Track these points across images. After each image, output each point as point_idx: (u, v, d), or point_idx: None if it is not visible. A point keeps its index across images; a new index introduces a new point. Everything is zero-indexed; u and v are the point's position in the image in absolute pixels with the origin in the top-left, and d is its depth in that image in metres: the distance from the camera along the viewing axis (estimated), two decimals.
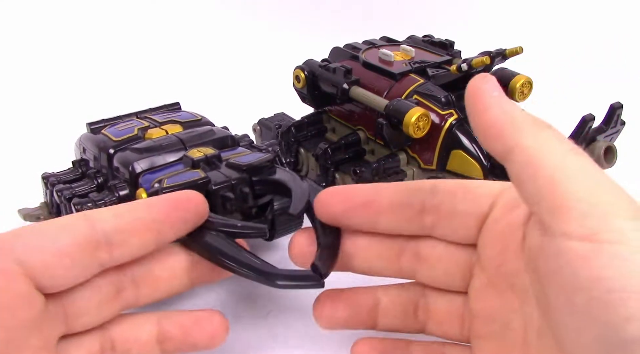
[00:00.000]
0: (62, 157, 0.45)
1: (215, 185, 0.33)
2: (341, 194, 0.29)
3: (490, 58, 0.40)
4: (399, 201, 0.28)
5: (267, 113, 0.53)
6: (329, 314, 0.30)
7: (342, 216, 0.29)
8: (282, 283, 0.27)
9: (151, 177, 0.35)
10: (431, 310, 0.30)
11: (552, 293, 0.22)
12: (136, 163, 0.36)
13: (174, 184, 0.32)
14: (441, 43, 0.49)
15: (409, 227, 0.29)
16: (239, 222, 0.29)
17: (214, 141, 0.39)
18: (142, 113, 0.44)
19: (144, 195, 0.33)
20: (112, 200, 0.35)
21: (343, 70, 0.44)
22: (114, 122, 0.42)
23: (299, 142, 0.48)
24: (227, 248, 0.29)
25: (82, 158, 0.41)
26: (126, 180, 0.36)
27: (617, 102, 0.39)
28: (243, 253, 0.29)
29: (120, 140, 0.39)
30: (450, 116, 0.41)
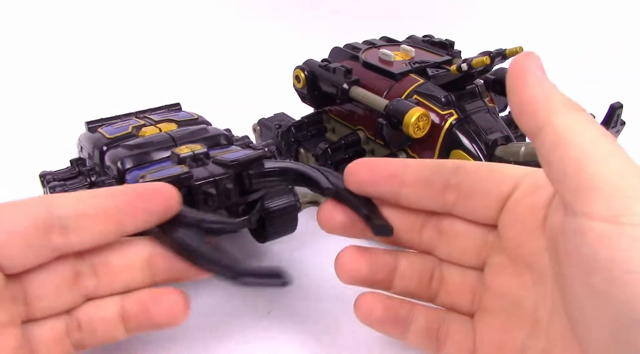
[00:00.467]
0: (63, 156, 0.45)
1: (197, 180, 0.33)
2: (369, 165, 0.30)
3: (490, 58, 0.40)
4: (423, 177, 0.29)
5: (267, 113, 0.53)
6: (350, 269, 0.31)
7: (368, 185, 0.30)
8: (246, 280, 0.26)
9: (138, 173, 0.35)
10: (445, 281, 0.31)
11: (570, 272, 0.22)
12: (125, 159, 0.36)
13: (155, 178, 0.32)
14: (441, 43, 0.49)
15: (430, 203, 0.29)
16: (209, 216, 0.29)
17: (205, 139, 0.39)
18: (141, 113, 0.44)
19: None
20: None
21: (343, 70, 0.44)
22: (113, 121, 0.43)
23: (299, 142, 0.48)
24: (191, 241, 0.28)
25: (80, 157, 0.42)
26: (114, 177, 0.36)
27: (617, 102, 0.39)
28: (207, 247, 0.28)
29: (114, 137, 0.39)
30: (450, 116, 0.41)
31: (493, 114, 0.43)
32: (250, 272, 0.26)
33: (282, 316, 0.37)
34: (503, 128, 0.42)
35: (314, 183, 0.33)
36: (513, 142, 0.41)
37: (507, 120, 0.48)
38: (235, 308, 0.36)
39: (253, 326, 0.36)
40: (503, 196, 0.28)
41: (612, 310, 0.20)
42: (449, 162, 0.29)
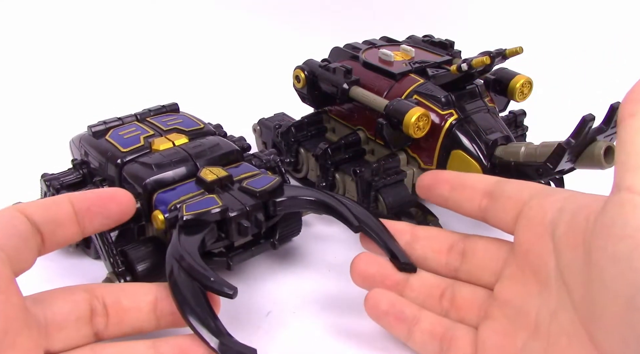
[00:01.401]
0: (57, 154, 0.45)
1: (232, 212, 0.34)
2: (434, 173, 0.37)
3: (490, 58, 0.40)
4: (470, 182, 0.34)
5: (267, 113, 0.53)
6: (362, 271, 0.34)
7: (428, 188, 0.36)
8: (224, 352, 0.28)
9: (165, 197, 0.36)
10: (456, 299, 0.33)
11: (600, 244, 0.25)
12: (149, 180, 0.37)
13: (194, 212, 0.33)
14: (441, 43, 0.49)
15: (469, 207, 0.34)
16: (212, 275, 0.30)
17: (221, 156, 0.39)
18: (142, 115, 0.44)
19: (161, 217, 0.34)
20: None
21: (343, 70, 0.44)
22: (115, 126, 0.42)
23: (299, 142, 0.48)
24: (188, 295, 0.29)
25: (83, 160, 0.41)
26: (137, 194, 0.37)
27: (617, 102, 0.39)
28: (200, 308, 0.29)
29: (128, 150, 0.39)
30: (450, 116, 0.41)
31: (493, 114, 0.43)
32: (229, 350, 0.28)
33: (282, 316, 0.37)
34: (503, 128, 0.42)
35: (340, 218, 0.36)
36: (513, 142, 0.41)
37: (507, 120, 0.48)
38: (235, 309, 0.36)
39: (253, 327, 0.36)
40: (520, 202, 0.31)
41: (631, 275, 0.22)
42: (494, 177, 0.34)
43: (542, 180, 0.44)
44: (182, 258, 0.31)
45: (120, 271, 0.35)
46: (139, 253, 0.36)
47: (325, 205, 0.36)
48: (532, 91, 0.45)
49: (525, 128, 0.50)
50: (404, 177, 0.43)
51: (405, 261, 0.34)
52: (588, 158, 0.37)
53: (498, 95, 0.46)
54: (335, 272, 0.41)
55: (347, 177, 0.45)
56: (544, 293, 0.28)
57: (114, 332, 0.30)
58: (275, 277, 0.40)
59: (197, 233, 0.33)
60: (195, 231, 0.33)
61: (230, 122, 0.47)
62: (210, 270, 0.30)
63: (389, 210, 0.42)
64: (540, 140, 0.40)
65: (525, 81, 0.44)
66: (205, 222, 0.33)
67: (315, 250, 0.43)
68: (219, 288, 0.29)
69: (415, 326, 0.32)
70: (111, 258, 0.35)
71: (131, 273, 0.35)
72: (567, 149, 0.36)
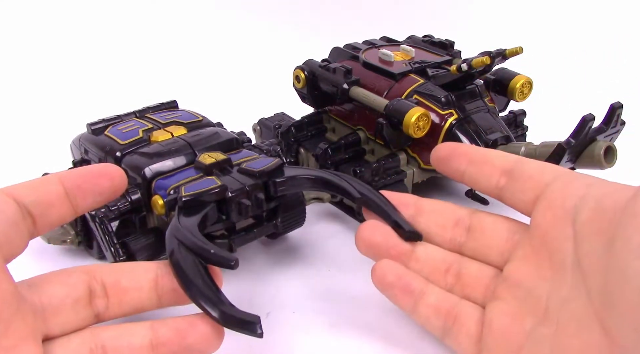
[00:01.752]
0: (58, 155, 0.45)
1: (231, 192, 0.34)
2: (451, 145, 0.35)
3: (490, 58, 0.40)
4: (489, 158, 0.33)
5: (267, 113, 0.53)
6: (366, 238, 0.33)
7: (444, 161, 0.34)
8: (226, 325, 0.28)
9: (165, 182, 0.36)
10: (462, 275, 0.33)
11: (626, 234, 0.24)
12: (147, 169, 0.36)
13: (193, 192, 0.33)
14: (441, 43, 0.49)
15: (486, 184, 0.33)
16: (212, 248, 0.29)
17: (220, 144, 0.39)
18: (141, 112, 0.44)
19: (161, 202, 0.34)
20: (124, 204, 0.36)
21: (343, 70, 0.44)
22: (115, 123, 0.42)
23: (299, 142, 0.48)
24: (188, 269, 0.29)
25: (84, 159, 0.41)
26: (137, 184, 0.37)
27: (617, 102, 0.39)
28: (201, 281, 0.29)
29: (127, 143, 0.39)
30: (450, 116, 0.41)
31: (493, 114, 0.43)
32: (231, 318, 0.28)
33: (282, 317, 0.37)
34: (503, 128, 0.42)
35: (342, 192, 0.35)
36: (513, 142, 0.41)
37: (507, 120, 0.48)
38: None
39: None
40: (542, 184, 0.30)
41: None
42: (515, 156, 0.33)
43: None
44: (181, 234, 0.30)
45: (122, 260, 0.35)
46: (140, 244, 0.36)
47: (325, 181, 0.36)
48: (532, 91, 0.45)
49: (525, 128, 0.50)
50: (404, 177, 0.43)
51: (409, 229, 0.33)
52: (588, 158, 0.37)
53: (498, 95, 0.46)
54: (335, 272, 0.41)
55: None
56: (557, 278, 0.28)
57: (115, 313, 0.30)
58: (275, 277, 0.40)
59: (196, 214, 0.32)
60: (195, 212, 0.32)
61: (230, 122, 0.47)
62: (210, 243, 0.30)
63: None
64: (540, 140, 0.40)
65: (525, 81, 0.44)
66: (204, 202, 0.33)
67: (316, 249, 0.43)
68: (219, 259, 0.29)
69: (420, 300, 0.32)
70: (112, 248, 0.35)
71: None
72: (567, 149, 0.36)
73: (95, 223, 0.36)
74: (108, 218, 0.36)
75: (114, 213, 0.36)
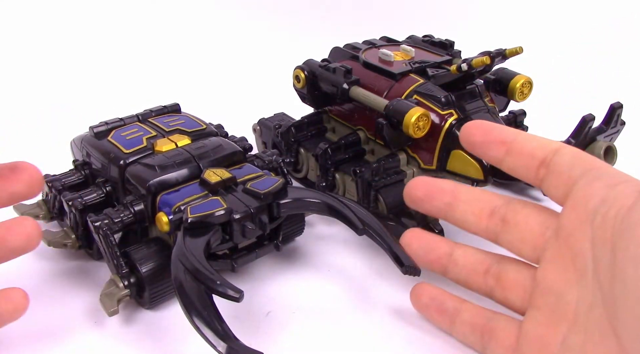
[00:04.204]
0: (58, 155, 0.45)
1: (236, 215, 0.34)
2: (484, 128, 0.33)
3: (490, 58, 0.40)
4: (528, 149, 0.31)
5: (267, 113, 0.53)
6: (405, 243, 0.35)
7: (479, 146, 0.33)
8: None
9: (170, 198, 0.36)
10: (501, 278, 0.32)
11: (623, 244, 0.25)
12: (152, 182, 0.36)
13: (199, 214, 0.33)
14: (441, 43, 0.49)
15: (525, 174, 0.32)
16: (219, 279, 0.30)
17: (225, 157, 0.39)
18: (143, 115, 0.44)
19: (165, 219, 0.34)
20: (127, 216, 0.36)
21: (343, 70, 0.44)
22: (117, 126, 0.42)
23: (299, 142, 0.48)
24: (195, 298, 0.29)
25: (85, 161, 0.41)
26: (141, 196, 0.37)
27: (617, 102, 0.39)
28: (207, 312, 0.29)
29: (131, 152, 0.39)
30: (450, 116, 0.41)
31: (493, 114, 0.43)
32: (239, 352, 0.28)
33: (282, 316, 0.37)
34: None
35: (345, 220, 0.36)
36: None
37: (507, 120, 0.48)
38: (235, 309, 0.36)
39: (252, 327, 0.36)
40: (571, 181, 0.29)
41: None
42: (555, 143, 0.31)
43: None
44: (187, 261, 0.31)
45: (124, 273, 0.35)
46: (142, 254, 0.35)
47: (329, 207, 0.36)
48: (532, 91, 0.45)
49: (525, 128, 0.50)
50: (404, 177, 0.43)
51: (409, 264, 0.34)
52: None
53: (498, 95, 0.46)
54: (336, 272, 0.41)
55: (347, 177, 0.45)
56: (582, 283, 0.28)
57: None
58: (275, 277, 0.40)
59: (202, 236, 0.33)
60: (200, 234, 0.33)
61: (230, 122, 0.47)
62: (216, 272, 0.30)
63: (389, 210, 0.42)
64: None
65: (525, 81, 0.44)
66: (209, 224, 0.33)
67: (316, 250, 0.43)
68: (224, 291, 0.29)
69: (456, 317, 0.33)
70: (115, 260, 0.35)
71: (135, 275, 0.35)
72: None
73: (99, 235, 0.35)
74: (112, 230, 0.35)
75: (118, 225, 0.36)
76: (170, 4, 0.87)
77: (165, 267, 0.35)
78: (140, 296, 0.36)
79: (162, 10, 0.86)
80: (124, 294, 0.35)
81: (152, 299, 0.36)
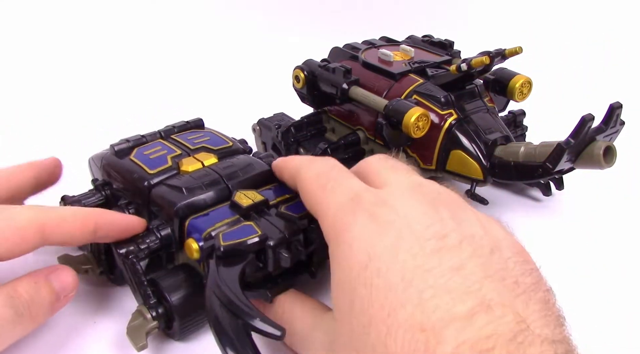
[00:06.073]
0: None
1: (271, 241, 0.32)
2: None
3: (489, 58, 0.40)
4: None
5: (267, 113, 0.53)
6: None
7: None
8: None
9: (199, 223, 0.33)
10: None
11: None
12: (180, 205, 0.34)
13: (232, 242, 0.31)
14: (441, 43, 0.49)
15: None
16: (258, 315, 0.27)
17: (254, 177, 0.37)
18: (166, 132, 0.42)
19: (195, 246, 0.32)
20: (154, 242, 0.34)
21: (342, 70, 0.44)
22: (140, 144, 0.40)
23: (298, 142, 0.48)
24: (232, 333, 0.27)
25: (105, 181, 0.39)
26: (168, 220, 0.34)
27: (617, 102, 0.39)
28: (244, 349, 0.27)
29: (155, 172, 0.37)
30: (449, 116, 0.41)
31: (493, 114, 0.43)
32: None
33: None
34: (503, 128, 0.42)
35: None
36: (512, 141, 0.41)
37: (507, 120, 0.48)
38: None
39: None
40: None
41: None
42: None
43: (542, 179, 0.44)
44: (223, 295, 0.28)
45: (152, 303, 0.32)
46: (171, 282, 0.33)
47: None
48: (531, 91, 0.45)
49: (525, 128, 0.50)
50: None
51: None
52: (587, 158, 0.37)
53: (498, 95, 0.46)
54: None
55: None
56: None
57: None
58: None
59: (236, 264, 0.31)
60: (233, 263, 0.31)
61: (230, 122, 0.47)
62: (254, 307, 0.28)
63: None
64: (540, 140, 0.40)
65: (524, 81, 0.44)
66: (243, 252, 0.31)
67: None
68: (266, 330, 0.27)
69: None
70: (142, 290, 0.33)
71: (163, 305, 0.32)
72: (566, 149, 0.36)
73: (125, 264, 0.33)
74: (138, 258, 0.33)
75: (144, 252, 0.33)
76: (170, 3, 0.87)
77: (195, 296, 0.32)
78: (169, 327, 0.33)
79: (162, 10, 0.86)
80: (152, 326, 0.32)
81: (183, 330, 0.33)
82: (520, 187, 0.49)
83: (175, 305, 0.32)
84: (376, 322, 0.23)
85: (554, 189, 0.47)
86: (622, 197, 0.48)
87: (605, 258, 0.41)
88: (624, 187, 0.49)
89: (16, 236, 0.29)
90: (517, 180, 0.41)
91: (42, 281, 0.31)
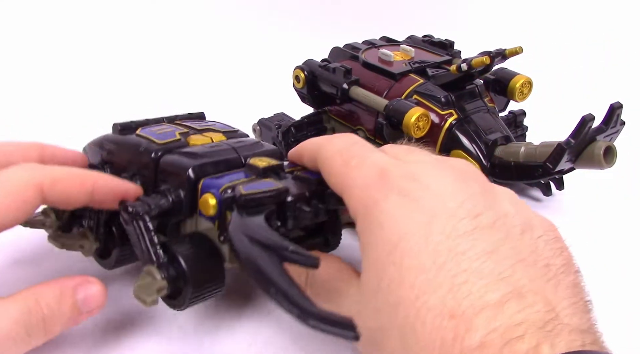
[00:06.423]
0: None
1: (292, 196, 0.30)
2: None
3: (490, 58, 0.40)
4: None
5: (267, 113, 0.53)
6: None
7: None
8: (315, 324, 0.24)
9: (214, 181, 0.32)
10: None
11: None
12: (193, 167, 0.32)
13: (253, 191, 0.29)
14: (441, 43, 0.49)
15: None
16: (292, 246, 0.26)
17: (264, 152, 0.36)
18: (170, 118, 0.41)
19: (212, 201, 0.30)
20: (166, 202, 0.32)
21: (343, 70, 0.44)
22: (144, 125, 0.39)
23: (298, 142, 0.48)
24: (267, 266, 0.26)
25: (105, 160, 0.38)
26: (179, 184, 0.33)
27: (617, 102, 0.39)
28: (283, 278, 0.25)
29: (165, 143, 0.35)
30: (450, 116, 0.41)
31: (493, 114, 0.43)
32: (321, 317, 0.24)
33: (283, 315, 0.37)
34: (503, 128, 0.42)
35: None
36: (513, 142, 0.41)
37: (507, 120, 0.48)
38: (235, 307, 0.36)
39: (253, 326, 0.36)
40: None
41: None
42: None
43: (542, 179, 0.44)
44: (252, 231, 0.27)
45: (163, 262, 0.30)
46: (185, 247, 0.31)
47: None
48: (532, 91, 0.45)
49: (525, 128, 0.50)
50: None
51: None
52: (588, 158, 0.37)
53: (498, 95, 0.46)
54: None
55: None
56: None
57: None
58: None
59: (258, 214, 0.29)
60: (255, 213, 0.29)
61: (230, 122, 0.47)
62: (285, 239, 0.27)
63: None
64: (540, 140, 0.40)
65: (525, 81, 0.44)
66: (264, 204, 0.30)
67: None
68: (300, 258, 0.26)
69: None
70: (152, 248, 0.31)
71: (175, 269, 0.30)
72: (566, 149, 0.36)
73: (135, 220, 0.31)
74: (149, 215, 0.31)
75: (155, 211, 0.32)
76: (170, 3, 0.87)
77: (207, 264, 0.31)
78: (173, 296, 0.31)
79: (162, 9, 0.86)
80: (162, 285, 0.30)
81: (192, 299, 0.31)
82: (520, 187, 0.49)
83: (190, 270, 0.30)
84: (405, 304, 0.22)
85: (554, 189, 0.47)
86: (622, 197, 0.48)
87: (605, 258, 0.41)
88: (624, 187, 0.49)
89: (18, 201, 0.28)
90: (518, 180, 0.41)
91: (68, 293, 0.29)
